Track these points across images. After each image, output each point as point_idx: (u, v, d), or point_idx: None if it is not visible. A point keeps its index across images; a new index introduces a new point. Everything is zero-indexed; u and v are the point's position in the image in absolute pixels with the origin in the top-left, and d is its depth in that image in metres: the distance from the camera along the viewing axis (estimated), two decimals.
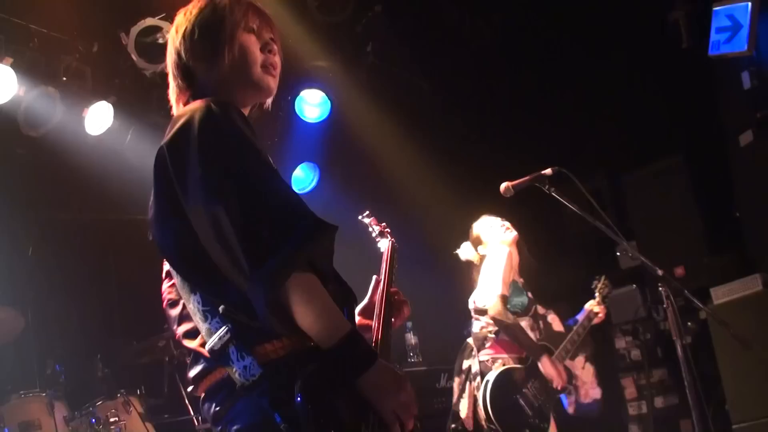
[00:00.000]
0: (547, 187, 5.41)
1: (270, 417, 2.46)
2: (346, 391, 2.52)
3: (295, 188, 9.13)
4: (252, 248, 2.44)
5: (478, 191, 7.13)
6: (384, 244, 4.27)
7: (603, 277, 7.13)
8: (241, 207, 2.49)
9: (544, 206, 7.83)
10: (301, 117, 8.92)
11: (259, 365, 2.50)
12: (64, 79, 7.40)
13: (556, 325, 6.83)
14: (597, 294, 7.00)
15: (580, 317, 6.87)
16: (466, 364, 6.38)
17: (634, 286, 8.94)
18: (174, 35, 2.96)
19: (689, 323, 7.70)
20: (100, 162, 7.60)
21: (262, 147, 2.69)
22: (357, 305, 3.05)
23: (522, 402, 6.11)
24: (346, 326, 2.54)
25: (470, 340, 6.46)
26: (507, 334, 6.30)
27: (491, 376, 6.10)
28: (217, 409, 2.66)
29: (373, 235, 4.66)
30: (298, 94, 8.76)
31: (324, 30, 8.30)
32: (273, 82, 2.98)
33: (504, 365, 6.23)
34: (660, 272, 4.93)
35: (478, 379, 6.14)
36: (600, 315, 6.92)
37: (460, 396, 6.27)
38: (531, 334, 6.41)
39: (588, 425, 8.49)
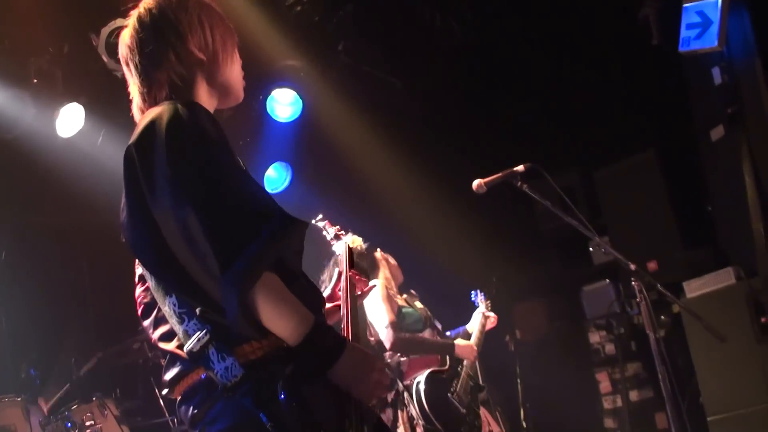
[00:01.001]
0: (519, 183, 5.38)
1: (255, 417, 2.48)
2: (325, 384, 2.55)
3: (268, 188, 9.14)
4: (220, 250, 2.44)
5: (451, 189, 7.17)
6: (340, 247, 4.31)
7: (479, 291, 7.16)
8: (209, 208, 2.48)
9: (517, 203, 7.91)
10: (273, 116, 8.90)
11: (240, 366, 2.51)
12: (35, 81, 7.36)
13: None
14: (482, 305, 7.03)
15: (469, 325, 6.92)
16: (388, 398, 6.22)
17: (608, 281, 9.01)
18: (133, 39, 2.91)
19: (663, 317, 7.76)
20: (73, 164, 7.57)
21: (230, 147, 2.70)
22: (323, 300, 3.02)
23: (454, 401, 6.13)
24: (310, 320, 2.55)
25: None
26: (414, 351, 6.25)
27: (421, 381, 6.04)
28: (195, 411, 2.65)
29: (328, 238, 4.70)
30: (269, 94, 8.73)
31: (295, 29, 8.29)
32: (242, 88, 3.03)
33: None
34: (633, 267, 4.96)
35: (406, 394, 6.02)
36: (493, 322, 6.96)
37: (394, 426, 6.04)
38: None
39: (561, 420, 8.58)
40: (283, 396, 2.45)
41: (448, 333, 6.80)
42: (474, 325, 6.87)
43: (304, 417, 2.46)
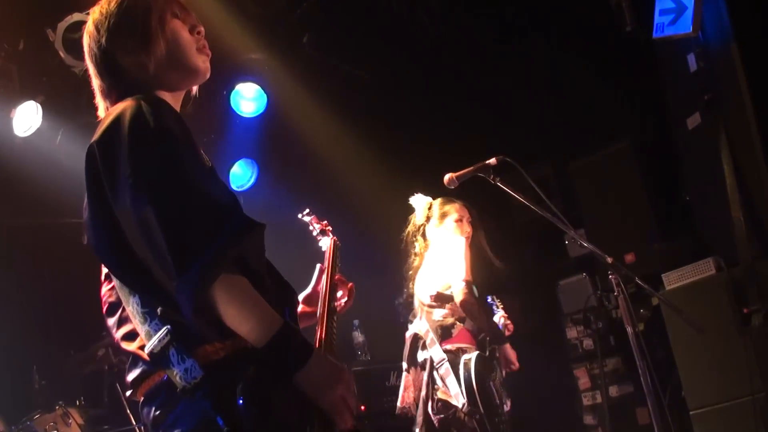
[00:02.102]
0: (492, 177, 5.40)
1: (212, 420, 2.47)
2: (289, 390, 2.54)
3: (234, 186, 9.11)
4: (178, 252, 2.45)
5: (421, 184, 7.15)
6: (326, 243, 4.30)
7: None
8: (169, 208, 2.50)
9: (490, 197, 7.90)
10: (237, 112, 8.87)
11: (200, 367, 2.51)
12: None
13: None
14: (500, 311, 7.05)
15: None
16: (423, 355, 6.35)
17: (584, 274, 9.02)
18: (93, 33, 2.93)
19: (641, 310, 7.76)
20: (30, 164, 7.52)
21: (194, 145, 2.71)
22: (297, 300, 3.06)
23: (494, 388, 6.17)
24: (277, 322, 2.55)
25: (421, 331, 6.42)
26: (473, 319, 6.30)
27: (472, 359, 6.10)
28: (157, 413, 2.65)
29: (314, 233, 4.68)
30: (233, 88, 8.71)
31: (258, 20, 8.27)
32: (208, 63, 3.01)
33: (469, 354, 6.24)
34: (609, 260, 4.97)
35: (446, 365, 6.11)
36: (510, 329, 6.98)
37: (431, 388, 6.23)
38: None
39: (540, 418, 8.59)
40: (242, 400, 2.44)
41: None
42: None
43: (263, 423, 2.46)
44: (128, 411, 7.40)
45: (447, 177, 5.58)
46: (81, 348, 7.68)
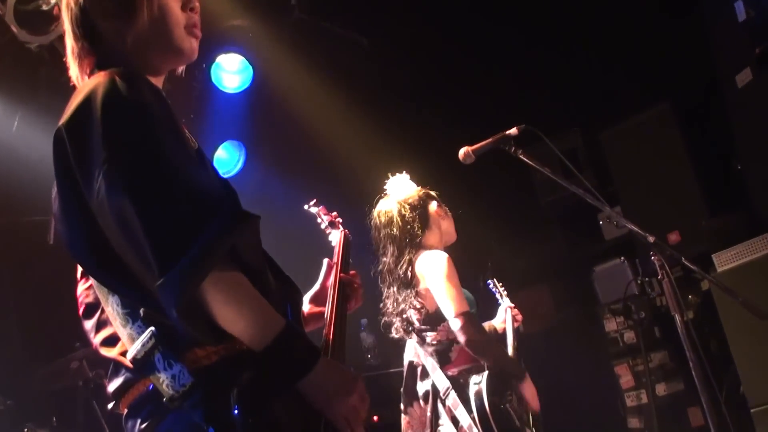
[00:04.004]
0: (513, 149, 5.36)
1: None
2: (289, 398, 2.53)
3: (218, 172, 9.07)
4: (161, 247, 2.43)
5: (433, 161, 7.13)
6: (336, 236, 4.29)
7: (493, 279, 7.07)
8: (151, 198, 2.48)
9: (512, 173, 7.88)
10: (219, 87, 8.83)
11: (189, 373, 2.50)
12: None
13: None
14: (505, 299, 6.92)
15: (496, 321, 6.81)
16: (423, 387, 6.14)
17: (622, 258, 9.01)
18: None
19: (690, 296, 7.77)
20: None
21: (177, 125, 2.70)
22: (301, 297, 3.07)
23: (511, 411, 6.06)
24: (279, 324, 2.55)
25: (417, 359, 6.22)
26: (485, 359, 6.00)
27: (481, 382, 5.91)
28: (143, 426, 2.65)
29: (323, 226, 4.67)
30: (213, 61, 8.64)
31: None
32: (196, 45, 2.99)
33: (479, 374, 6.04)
34: (651, 239, 4.92)
35: (453, 395, 5.90)
36: (519, 319, 6.86)
37: (434, 424, 6.01)
38: None
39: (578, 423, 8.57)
40: (237, 410, 2.43)
41: None
42: (506, 326, 6.71)
43: None
44: (107, 430, 7.39)
45: (462, 151, 5.53)
46: (50, 361, 7.66)
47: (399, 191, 6.48)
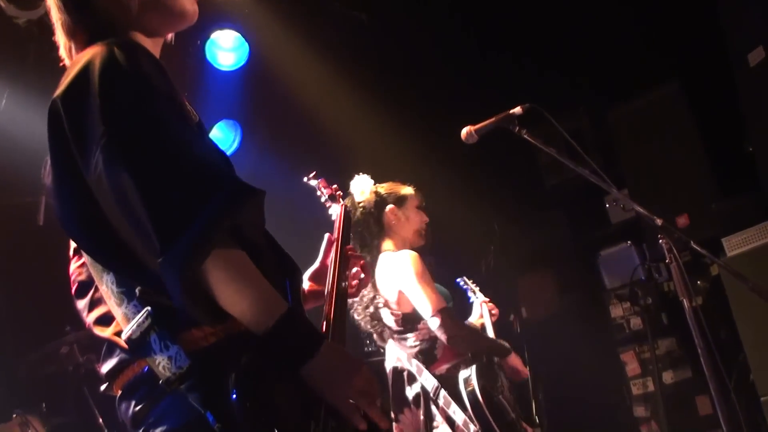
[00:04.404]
0: (517, 129, 5.36)
1: (201, 416, 2.45)
2: (289, 383, 2.52)
3: None
4: (163, 222, 2.41)
5: (435, 140, 7.12)
6: (336, 210, 4.28)
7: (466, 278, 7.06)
8: (151, 172, 2.46)
9: (516, 154, 7.86)
10: (214, 65, 8.80)
11: (186, 355, 2.50)
12: None
13: None
14: (478, 294, 6.92)
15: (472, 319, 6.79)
16: (412, 391, 6.04)
17: (629, 242, 9.01)
18: None
19: (699, 281, 7.76)
20: None
21: (177, 97, 2.71)
22: (301, 276, 3.07)
23: (504, 403, 6.05)
24: (281, 306, 2.55)
25: (400, 364, 6.14)
26: (468, 349, 6.00)
27: (471, 376, 5.87)
28: (137, 409, 2.64)
29: (323, 199, 4.66)
30: (208, 38, 8.61)
31: None
32: (196, 6, 3.01)
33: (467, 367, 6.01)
34: (659, 222, 4.93)
35: (443, 393, 5.83)
36: (495, 313, 6.83)
37: (429, 427, 5.91)
38: None
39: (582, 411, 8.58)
40: (235, 394, 2.41)
41: None
42: (485, 320, 6.67)
43: (259, 419, 2.43)
44: (100, 419, 7.39)
45: (465, 131, 5.52)
46: (40, 345, 7.66)
47: (354, 194, 6.47)
